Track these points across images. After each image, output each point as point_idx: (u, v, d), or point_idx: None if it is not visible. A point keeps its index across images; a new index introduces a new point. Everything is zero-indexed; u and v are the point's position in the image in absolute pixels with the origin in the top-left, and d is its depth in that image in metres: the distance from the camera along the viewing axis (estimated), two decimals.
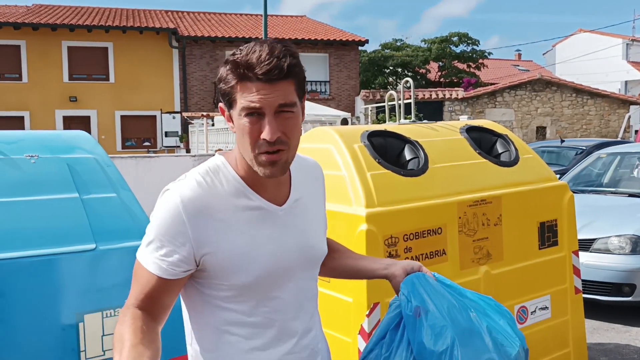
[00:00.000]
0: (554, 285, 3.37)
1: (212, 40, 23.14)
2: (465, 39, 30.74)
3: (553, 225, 3.40)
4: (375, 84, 29.57)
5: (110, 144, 21.89)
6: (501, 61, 40.53)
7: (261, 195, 1.40)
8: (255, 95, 1.28)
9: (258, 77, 1.27)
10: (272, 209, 1.41)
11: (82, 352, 2.02)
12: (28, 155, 2.20)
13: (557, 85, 21.44)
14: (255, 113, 1.29)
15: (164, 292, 1.33)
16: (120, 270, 2.11)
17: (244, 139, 1.32)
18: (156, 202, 1.38)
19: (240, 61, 1.28)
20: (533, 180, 3.39)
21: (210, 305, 1.39)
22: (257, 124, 1.30)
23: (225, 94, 1.34)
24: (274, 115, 1.30)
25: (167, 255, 1.31)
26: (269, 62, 1.26)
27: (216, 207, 1.35)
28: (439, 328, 1.42)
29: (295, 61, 1.31)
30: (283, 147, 1.32)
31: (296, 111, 1.34)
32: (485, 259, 3.07)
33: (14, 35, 21.44)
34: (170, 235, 1.31)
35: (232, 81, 1.31)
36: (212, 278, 1.36)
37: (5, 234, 1.97)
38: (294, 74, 1.31)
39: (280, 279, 1.41)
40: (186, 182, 1.37)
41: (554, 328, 3.36)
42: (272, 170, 1.33)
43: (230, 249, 1.34)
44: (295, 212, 1.46)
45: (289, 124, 1.32)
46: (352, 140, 2.98)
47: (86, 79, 22.33)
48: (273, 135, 1.29)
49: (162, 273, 1.32)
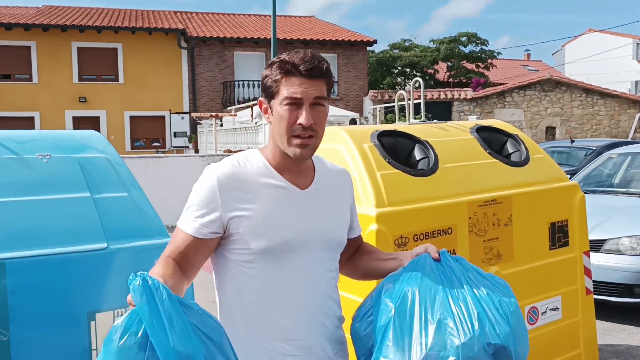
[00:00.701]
0: (564, 286, 3.35)
1: (220, 41, 23.19)
2: (474, 39, 30.64)
3: (564, 226, 3.38)
4: (383, 84, 29.53)
5: (120, 144, 21.98)
6: (510, 61, 40.36)
7: (286, 179, 1.63)
8: (297, 88, 1.55)
9: (302, 73, 1.55)
10: (294, 190, 1.63)
11: (94, 350, 2.03)
12: (40, 154, 2.21)
13: (567, 85, 21.33)
14: (295, 103, 1.56)
15: (194, 251, 1.56)
16: (132, 269, 2.11)
17: (282, 123, 1.57)
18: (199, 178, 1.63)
19: (288, 60, 1.57)
20: (544, 181, 3.37)
21: (234, 270, 1.60)
22: (295, 112, 1.56)
23: (269, 87, 1.60)
24: (310, 106, 1.56)
25: (199, 217, 1.56)
26: (312, 62, 1.56)
27: (245, 182, 1.59)
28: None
29: (329, 66, 1.61)
30: (313, 133, 1.58)
31: (326, 106, 1.62)
32: (496, 259, 3.06)
33: (24, 36, 21.58)
34: (204, 201, 1.56)
35: (278, 75, 1.57)
36: (236, 244, 1.58)
37: (17, 233, 1.99)
38: (327, 75, 1.61)
39: (296, 251, 1.60)
40: (223, 162, 1.63)
41: (564, 329, 3.34)
42: (301, 152, 1.58)
43: (253, 217, 1.56)
44: (315, 198, 1.66)
45: (320, 115, 1.60)
46: (362, 140, 2.98)
47: (95, 79, 22.44)
48: (308, 121, 1.55)
49: (194, 232, 1.56)
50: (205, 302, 6.55)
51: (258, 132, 13.94)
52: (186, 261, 1.56)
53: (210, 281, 1.71)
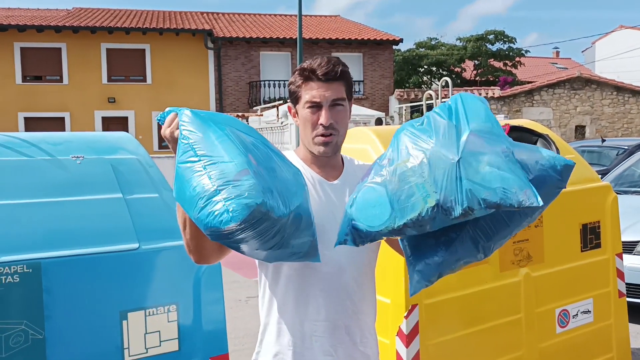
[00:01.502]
0: (596, 289, 3.30)
1: (247, 41, 23.32)
2: (502, 36, 30.28)
3: (596, 227, 3.32)
4: (409, 83, 29.37)
5: (148, 144, 22.26)
6: (539, 59, 39.78)
7: (315, 172, 1.76)
8: (316, 92, 1.70)
9: (319, 78, 1.70)
10: (322, 182, 1.76)
11: (126, 349, 2.06)
12: (74, 156, 2.25)
13: (597, 83, 20.94)
14: (316, 105, 1.70)
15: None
16: (163, 269, 2.15)
17: (306, 125, 1.72)
18: None
19: (307, 67, 1.72)
20: (575, 181, 3.31)
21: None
22: (316, 114, 1.70)
23: (293, 93, 1.75)
24: (329, 108, 1.70)
25: None
26: (327, 67, 1.70)
27: None
28: None
29: (345, 69, 1.75)
30: (334, 131, 1.71)
31: (345, 106, 1.74)
32: (526, 260, 3.02)
33: (55, 38, 21.99)
34: None
35: (299, 81, 1.72)
36: None
37: (52, 233, 2.03)
38: (344, 77, 1.74)
39: (323, 236, 1.65)
40: None
41: (596, 332, 3.28)
42: (324, 149, 1.72)
43: None
44: (341, 191, 1.76)
45: (340, 115, 1.72)
46: (389, 140, 2.96)
47: (124, 80, 22.76)
48: (328, 120, 1.69)
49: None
50: (234, 301, 6.57)
51: (284, 132, 13.99)
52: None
53: (238, 280, 1.73)
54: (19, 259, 1.90)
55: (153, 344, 2.09)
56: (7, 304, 1.88)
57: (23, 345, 1.90)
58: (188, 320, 2.15)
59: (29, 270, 1.91)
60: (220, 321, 2.22)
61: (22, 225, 1.99)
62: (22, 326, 1.90)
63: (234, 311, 5.53)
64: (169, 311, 2.12)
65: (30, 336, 1.91)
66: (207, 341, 2.17)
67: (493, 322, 2.88)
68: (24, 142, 2.23)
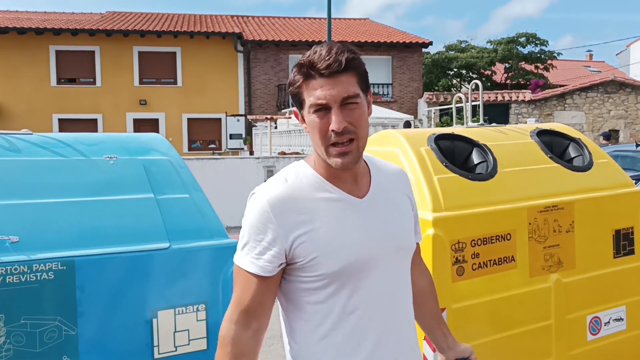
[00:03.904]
0: (629, 296, 3.23)
1: (276, 44, 23.45)
2: (533, 39, 29.86)
3: (629, 233, 3.25)
4: (438, 86, 29.16)
5: (178, 145, 22.54)
6: (571, 62, 39.13)
7: (340, 189, 1.46)
8: (320, 91, 1.37)
9: (320, 73, 1.37)
10: (353, 201, 1.47)
11: (156, 347, 2.09)
12: (107, 156, 2.30)
13: (632, 86, 20.49)
14: (323, 108, 1.38)
15: (263, 291, 1.41)
16: (192, 268, 2.17)
17: (315, 133, 1.40)
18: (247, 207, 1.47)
19: (304, 62, 1.39)
20: (608, 186, 3.26)
21: (299, 300, 1.46)
22: (325, 118, 1.38)
23: (295, 95, 1.44)
24: (340, 108, 1.38)
25: (261, 253, 1.41)
26: (329, 58, 1.36)
27: (300, 201, 1.42)
28: None
29: (353, 55, 1.39)
30: (352, 136, 1.39)
31: (360, 102, 1.41)
32: (557, 266, 2.97)
33: (89, 41, 22.43)
34: (261, 234, 1.40)
35: (299, 81, 1.41)
36: (302, 271, 1.43)
37: (85, 231, 2.07)
38: (353, 67, 1.39)
39: (368, 266, 1.44)
40: (269, 184, 1.46)
41: (629, 340, 3.21)
42: (343, 161, 1.40)
43: (316, 238, 1.41)
44: (376, 203, 1.50)
45: (355, 114, 1.39)
46: (418, 144, 2.95)
47: (155, 82, 23.09)
48: (340, 125, 1.36)
49: (259, 271, 1.41)
50: None
51: None
52: (257, 305, 1.41)
53: None
54: (53, 257, 1.95)
55: (182, 343, 2.12)
56: (41, 300, 1.93)
57: (57, 340, 1.94)
58: (216, 319, 2.17)
59: (63, 268, 1.95)
60: None
61: (57, 224, 2.04)
62: (56, 322, 1.95)
63: None
64: (197, 310, 2.15)
65: (64, 332, 1.95)
66: None
67: (522, 328, 2.85)
68: (59, 142, 2.29)
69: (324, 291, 1.43)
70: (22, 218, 2.00)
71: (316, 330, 1.44)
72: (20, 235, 1.95)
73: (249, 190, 1.55)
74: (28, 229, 1.98)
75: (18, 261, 1.90)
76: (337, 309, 1.43)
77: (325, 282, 1.42)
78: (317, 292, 1.43)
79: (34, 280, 1.92)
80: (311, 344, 1.45)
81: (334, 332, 1.43)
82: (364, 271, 1.44)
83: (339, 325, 1.43)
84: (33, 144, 2.25)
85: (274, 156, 12.46)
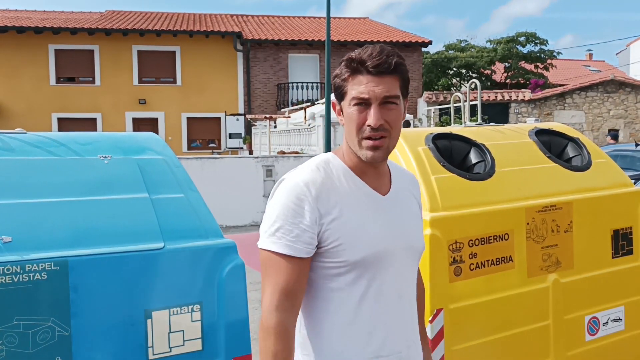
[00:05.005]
0: (628, 296, 3.22)
1: (275, 43, 23.44)
2: (533, 38, 29.84)
3: (628, 233, 3.24)
4: (438, 85, 29.15)
5: (177, 145, 22.53)
6: (571, 62, 39.10)
7: (366, 183, 1.54)
8: (364, 87, 1.45)
9: (368, 70, 1.45)
10: (377, 196, 1.55)
11: (150, 347, 2.07)
12: (102, 155, 2.28)
13: (632, 86, 20.48)
14: (363, 103, 1.46)
15: (301, 273, 1.46)
16: (187, 269, 2.16)
17: (351, 125, 1.48)
18: (274, 194, 1.50)
19: (355, 57, 1.47)
20: (606, 186, 3.24)
21: (320, 288, 1.50)
22: (364, 112, 1.46)
23: (338, 87, 1.51)
24: (379, 106, 1.46)
25: (298, 236, 1.44)
26: (379, 58, 1.45)
27: (331, 188, 1.49)
28: None
29: (402, 61, 1.49)
30: (385, 134, 1.47)
31: (399, 104, 1.50)
32: (555, 266, 2.96)
33: (88, 40, 22.42)
34: (298, 216, 1.44)
35: (346, 74, 1.49)
36: (324, 256, 1.48)
37: (79, 231, 2.05)
38: (399, 71, 1.48)
39: (385, 260, 1.51)
40: (302, 170, 1.52)
41: (628, 341, 3.20)
42: (374, 155, 1.48)
43: (344, 225, 1.47)
44: (396, 202, 1.59)
45: (392, 114, 1.48)
46: (416, 143, 2.94)
47: (155, 82, 23.09)
48: (377, 121, 1.45)
49: (298, 253, 1.44)
50: (259, 302, 6.56)
51: (311, 134, 14.01)
52: (300, 288, 1.46)
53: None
54: (47, 257, 1.93)
55: (177, 343, 2.10)
56: (35, 300, 1.91)
57: (50, 341, 1.92)
58: (212, 320, 2.15)
59: (57, 268, 1.93)
60: (244, 322, 2.22)
61: (51, 224, 2.02)
62: (49, 323, 1.93)
63: (258, 312, 5.53)
64: (192, 311, 2.13)
65: (57, 333, 1.94)
66: (231, 341, 2.17)
67: (520, 329, 2.83)
68: (53, 141, 2.27)
69: (343, 278, 1.48)
70: (15, 218, 1.98)
71: (331, 318, 1.49)
72: (13, 235, 1.93)
73: (248, 189, 1.58)
74: (21, 228, 1.96)
75: (11, 261, 1.88)
76: (353, 298, 1.48)
77: (345, 269, 1.48)
78: (336, 278, 1.49)
79: (26, 280, 1.90)
80: (325, 332, 1.50)
81: (348, 321, 1.49)
82: (381, 264, 1.50)
83: (353, 315, 1.48)
84: (27, 143, 2.23)
85: (273, 155, 12.45)
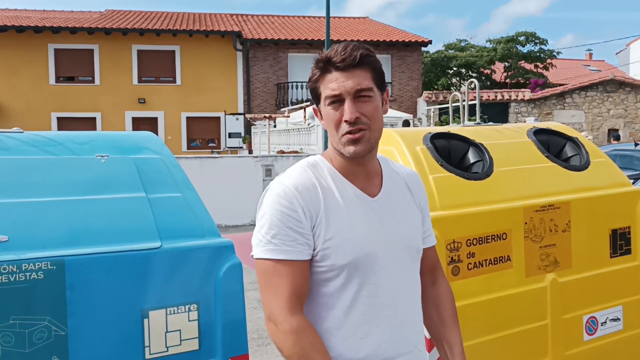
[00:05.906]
0: (626, 296, 3.21)
1: (275, 43, 23.43)
2: (533, 38, 29.84)
3: (626, 233, 3.24)
4: (438, 85, 29.16)
5: (177, 144, 22.53)
6: (571, 61, 39.11)
7: (355, 185, 1.53)
8: (334, 84, 1.45)
9: (336, 67, 1.45)
10: (365, 198, 1.53)
11: (147, 347, 2.07)
12: (99, 155, 2.27)
13: (631, 85, 20.48)
14: (337, 100, 1.46)
15: (304, 274, 1.45)
16: (184, 268, 2.15)
17: (330, 124, 1.49)
18: (262, 201, 1.50)
19: (322, 57, 1.49)
20: (605, 186, 3.24)
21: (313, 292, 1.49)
22: (339, 109, 1.46)
23: (313, 90, 1.52)
24: (353, 100, 1.45)
25: (295, 240, 1.44)
26: (344, 53, 1.45)
27: (320, 190, 1.48)
28: None
29: (368, 52, 1.47)
30: (364, 126, 1.46)
31: (374, 96, 1.48)
32: (553, 266, 2.96)
33: (88, 39, 22.41)
34: (292, 220, 1.44)
35: (316, 75, 1.49)
36: (315, 261, 1.47)
37: (76, 231, 2.05)
38: (367, 62, 1.47)
39: (375, 263, 1.49)
40: (289, 174, 1.52)
41: (626, 341, 3.20)
42: (355, 149, 1.46)
43: (331, 228, 1.46)
44: (387, 204, 1.56)
45: (368, 107, 1.47)
46: (414, 143, 2.94)
47: (154, 81, 23.08)
48: (352, 115, 1.44)
49: (298, 256, 1.44)
50: (256, 302, 6.58)
51: (311, 133, 14.01)
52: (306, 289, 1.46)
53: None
54: (43, 256, 1.93)
55: (174, 343, 2.10)
56: (31, 300, 1.90)
57: (46, 341, 1.92)
58: (209, 319, 2.15)
59: (53, 268, 1.93)
60: (241, 321, 2.22)
61: (47, 223, 2.02)
62: (46, 322, 1.93)
63: (256, 311, 5.54)
64: (189, 310, 2.13)
65: (54, 332, 1.93)
66: (228, 341, 2.17)
67: (518, 329, 2.83)
68: (50, 140, 2.27)
69: (333, 283, 1.47)
70: (12, 217, 1.98)
71: (322, 323, 1.48)
72: (9, 235, 1.93)
73: (247, 189, 1.58)
74: (17, 228, 1.96)
75: (7, 261, 1.87)
76: (343, 303, 1.47)
77: (334, 273, 1.47)
78: (327, 283, 1.48)
79: (23, 280, 1.89)
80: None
81: (340, 325, 1.48)
82: (372, 267, 1.48)
83: (344, 319, 1.47)
84: (23, 143, 2.23)
85: (273, 155, 12.44)
